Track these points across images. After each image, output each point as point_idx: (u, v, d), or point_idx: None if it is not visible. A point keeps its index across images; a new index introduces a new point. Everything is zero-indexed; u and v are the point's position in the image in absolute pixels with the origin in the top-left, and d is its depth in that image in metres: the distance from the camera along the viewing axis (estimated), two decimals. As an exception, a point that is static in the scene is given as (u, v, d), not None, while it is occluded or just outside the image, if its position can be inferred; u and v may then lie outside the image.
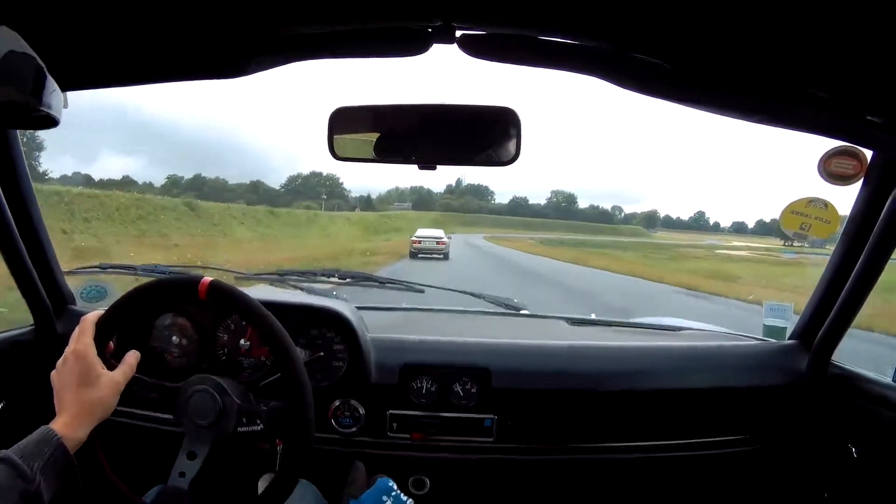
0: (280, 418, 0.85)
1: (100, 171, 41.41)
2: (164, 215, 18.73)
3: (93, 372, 0.76)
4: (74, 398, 0.74)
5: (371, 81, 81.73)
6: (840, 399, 1.18)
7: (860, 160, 1.06)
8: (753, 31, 0.67)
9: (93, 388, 0.75)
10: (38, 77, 0.61)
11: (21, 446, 0.68)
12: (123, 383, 0.79)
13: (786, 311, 1.43)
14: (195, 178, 29.48)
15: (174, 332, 1.13)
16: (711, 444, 1.24)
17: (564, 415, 1.20)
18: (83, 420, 0.74)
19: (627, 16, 0.67)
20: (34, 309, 1.20)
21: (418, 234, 14.96)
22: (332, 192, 45.08)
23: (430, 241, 14.12)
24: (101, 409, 0.76)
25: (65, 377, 0.76)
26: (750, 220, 43.38)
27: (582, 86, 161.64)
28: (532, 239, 33.28)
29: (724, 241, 21.17)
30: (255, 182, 38.19)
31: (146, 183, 22.32)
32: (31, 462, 0.66)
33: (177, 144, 38.95)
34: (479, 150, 0.92)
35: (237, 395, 0.87)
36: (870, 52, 0.66)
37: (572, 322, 1.51)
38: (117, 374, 0.79)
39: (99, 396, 0.75)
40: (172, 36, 0.76)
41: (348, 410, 1.16)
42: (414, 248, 13.73)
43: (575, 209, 64.43)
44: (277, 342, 0.83)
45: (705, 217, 61.97)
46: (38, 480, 0.65)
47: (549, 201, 68.49)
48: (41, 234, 1.15)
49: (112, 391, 0.77)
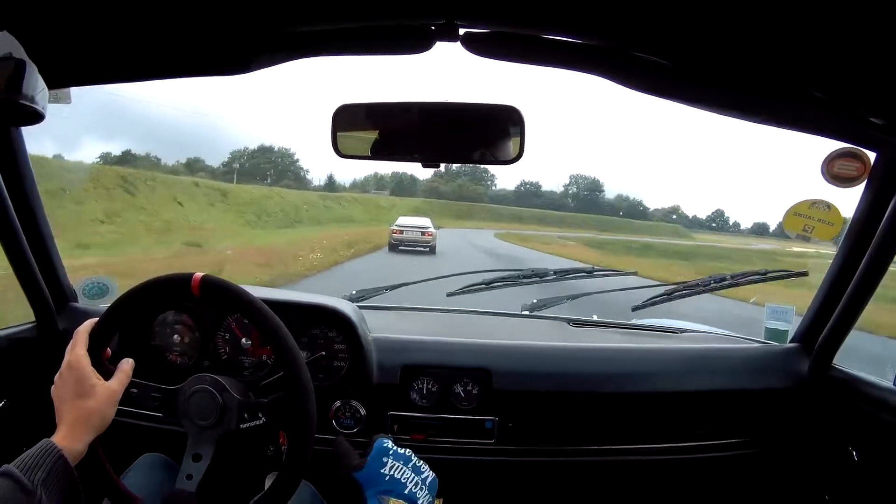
0: (281, 408, 0.84)
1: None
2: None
3: (87, 382, 0.76)
4: (71, 410, 0.74)
5: (374, 79, 76.37)
6: (841, 402, 1.17)
7: (863, 162, 1.06)
8: (755, 31, 0.67)
9: (88, 398, 0.75)
10: (25, 74, 0.62)
11: (22, 459, 0.68)
12: (120, 392, 0.79)
13: (787, 314, 1.42)
14: (124, 154, 22.99)
15: (175, 330, 1.13)
16: (712, 447, 1.23)
17: (565, 417, 1.20)
18: (80, 431, 0.73)
19: (629, 15, 0.67)
20: (36, 305, 1.20)
21: (399, 222, 12.77)
22: (283, 173, 35.90)
23: (413, 231, 12.14)
24: (97, 419, 0.75)
25: (61, 390, 0.76)
26: (772, 220, 37.15)
27: (587, 83, 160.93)
28: (568, 239, 23.20)
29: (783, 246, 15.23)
30: (193, 160, 28.78)
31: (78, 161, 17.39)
32: (31, 475, 0.66)
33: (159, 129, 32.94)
34: (482, 148, 0.92)
35: (237, 392, 0.86)
36: (872, 54, 0.66)
37: (573, 323, 1.51)
38: (113, 384, 0.78)
39: (95, 407, 0.75)
40: (179, 33, 0.77)
41: (349, 411, 1.16)
42: (394, 238, 11.80)
43: (601, 200, 48.13)
44: (277, 337, 0.82)
45: (724, 216, 47.66)
46: (39, 494, 0.65)
47: (567, 189, 50.38)
48: (44, 231, 1.16)
49: (108, 401, 0.76)
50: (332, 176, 35.03)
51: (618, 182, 70.05)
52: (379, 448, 0.81)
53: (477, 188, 43.05)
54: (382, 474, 0.78)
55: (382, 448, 0.81)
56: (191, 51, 0.81)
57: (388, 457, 0.80)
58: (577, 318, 1.53)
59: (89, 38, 0.77)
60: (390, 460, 0.80)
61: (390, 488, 0.77)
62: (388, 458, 0.80)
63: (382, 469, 0.79)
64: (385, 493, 0.76)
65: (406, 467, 0.80)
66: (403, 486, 0.77)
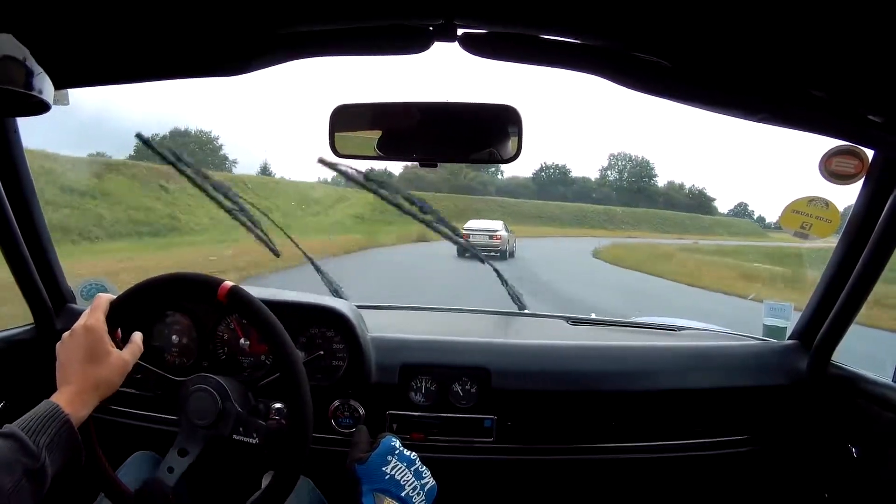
0: (277, 441, 0.84)
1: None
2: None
3: (102, 348, 0.75)
4: (81, 374, 0.73)
5: (372, 79, 74.32)
6: (840, 399, 1.18)
7: (861, 159, 1.06)
8: (754, 29, 0.67)
9: (100, 365, 0.74)
10: (28, 65, 0.61)
11: (26, 420, 0.66)
12: (131, 363, 0.79)
13: (785, 311, 1.43)
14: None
15: (174, 331, 1.13)
16: (711, 445, 1.24)
17: (564, 415, 1.20)
18: (88, 397, 0.73)
19: (628, 15, 0.67)
20: (34, 307, 1.20)
21: (468, 226, 12.42)
22: (201, 163, 24.10)
23: (480, 234, 11.79)
24: (105, 386, 0.75)
25: (72, 351, 0.75)
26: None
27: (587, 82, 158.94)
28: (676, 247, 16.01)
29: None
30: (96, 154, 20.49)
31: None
32: (37, 438, 0.64)
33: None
34: (480, 148, 0.92)
35: (238, 400, 0.86)
36: (870, 52, 0.66)
37: (572, 321, 1.51)
38: (126, 354, 0.78)
39: (106, 375, 0.74)
40: (174, 34, 0.77)
41: (348, 410, 1.16)
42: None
43: (652, 189, 34.93)
44: (289, 363, 0.82)
45: (748, 210, 35.96)
46: (43, 458, 0.64)
47: (606, 175, 35.83)
48: (42, 232, 1.15)
49: (119, 370, 0.76)
50: (268, 165, 26.00)
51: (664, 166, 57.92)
52: (385, 446, 0.80)
53: (479, 175, 29.16)
54: (383, 472, 0.78)
55: (389, 446, 0.80)
56: (187, 52, 0.80)
57: (393, 456, 0.80)
58: (575, 317, 1.53)
59: (87, 40, 0.76)
60: (394, 460, 0.79)
61: (387, 487, 0.76)
62: (393, 457, 0.79)
63: (384, 467, 0.78)
64: (382, 490, 0.76)
65: (408, 470, 0.79)
66: (401, 487, 0.77)
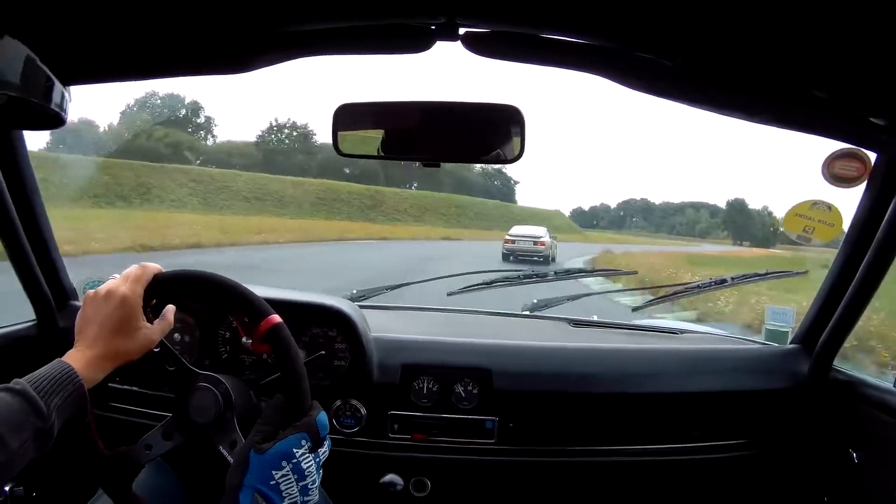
0: None
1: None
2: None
3: (134, 322, 0.74)
4: (105, 341, 0.72)
5: (375, 78, 74.80)
6: (841, 404, 1.17)
7: (864, 163, 1.06)
8: (757, 31, 0.67)
9: (128, 339, 0.73)
10: (44, 78, 0.61)
11: (39, 379, 0.64)
12: (158, 341, 0.78)
13: (787, 315, 1.42)
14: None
15: (176, 329, 1.13)
16: (712, 448, 1.23)
17: (566, 417, 1.20)
18: (106, 364, 0.71)
19: (631, 14, 0.67)
20: (36, 304, 1.20)
21: (512, 231, 12.58)
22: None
23: (525, 240, 11.84)
24: (125, 357, 0.74)
25: (102, 314, 0.73)
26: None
27: (590, 83, 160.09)
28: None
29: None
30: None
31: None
32: (48, 399, 0.63)
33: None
34: (482, 148, 0.92)
35: (240, 401, 0.84)
36: (874, 54, 0.66)
37: (574, 323, 1.51)
38: (155, 331, 0.77)
39: (131, 348, 0.74)
40: (178, 31, 0.77)
41: (349, 410, 1.16)
42: (506, 248, 11.52)
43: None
44: (299, 405, 0.77)
45: (748, 207, 37.62)
46: (52, 419, 0.63)
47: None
48: (44, 229, 1.16)
49: (145, 347, 0.75)
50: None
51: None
52: (288, 447, 0.71)
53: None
54: (272, 475, 0.69)
55: (289, 451, 0.71)
56: (190, 50, 0.81)
57: (289, 464, 0.70)
58: (577, 319, 1.53)
59: (88, 37, 0.77)
60: (288, 468, 0.70)
61: (269, 493, 0.68)
62: (289, 465, 0.70)
63: (275, 471, 0.69)
64: (262, 495, 0.68)
65: (296, 484, 0.70)
66: (280, 500, 0.69)
